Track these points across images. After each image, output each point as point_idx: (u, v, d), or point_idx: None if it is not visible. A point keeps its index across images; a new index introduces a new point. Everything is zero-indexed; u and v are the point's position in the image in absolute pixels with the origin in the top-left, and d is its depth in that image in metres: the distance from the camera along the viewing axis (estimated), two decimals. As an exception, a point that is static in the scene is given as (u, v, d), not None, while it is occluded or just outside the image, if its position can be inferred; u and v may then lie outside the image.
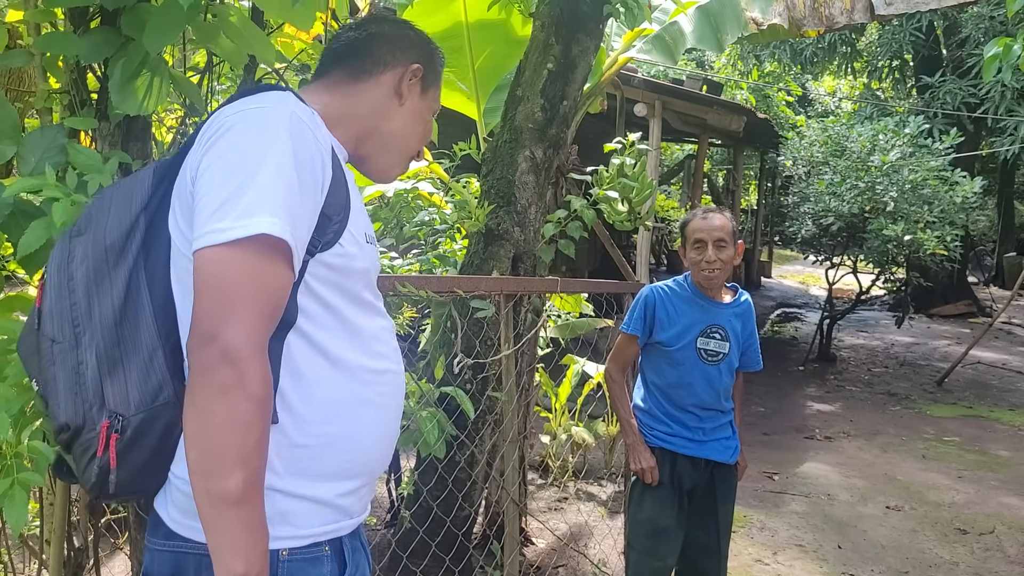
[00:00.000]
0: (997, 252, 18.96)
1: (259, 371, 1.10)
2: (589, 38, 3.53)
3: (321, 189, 1.22)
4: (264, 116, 1.20)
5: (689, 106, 8.05)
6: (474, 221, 3.49)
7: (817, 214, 9.21)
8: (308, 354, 1.24)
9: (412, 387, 3.08)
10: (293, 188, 1.15)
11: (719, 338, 2.98)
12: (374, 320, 1.35)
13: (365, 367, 1.31)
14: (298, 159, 1.17)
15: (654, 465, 2.95)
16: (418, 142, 1.51)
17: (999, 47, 4.65)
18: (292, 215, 1.14)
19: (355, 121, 1.42)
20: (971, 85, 11.85)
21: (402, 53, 1.47)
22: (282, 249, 1.13)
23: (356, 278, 1.30)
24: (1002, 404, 8.52)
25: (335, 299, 1.27)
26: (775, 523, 4.91)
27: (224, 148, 1.17)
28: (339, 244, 1.26)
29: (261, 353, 1.12)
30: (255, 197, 1.12)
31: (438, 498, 3.21)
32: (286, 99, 1.25)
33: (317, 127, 1.26)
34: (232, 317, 1.10)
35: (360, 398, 1.30)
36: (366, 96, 1.43)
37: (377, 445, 1.35)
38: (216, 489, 1.08)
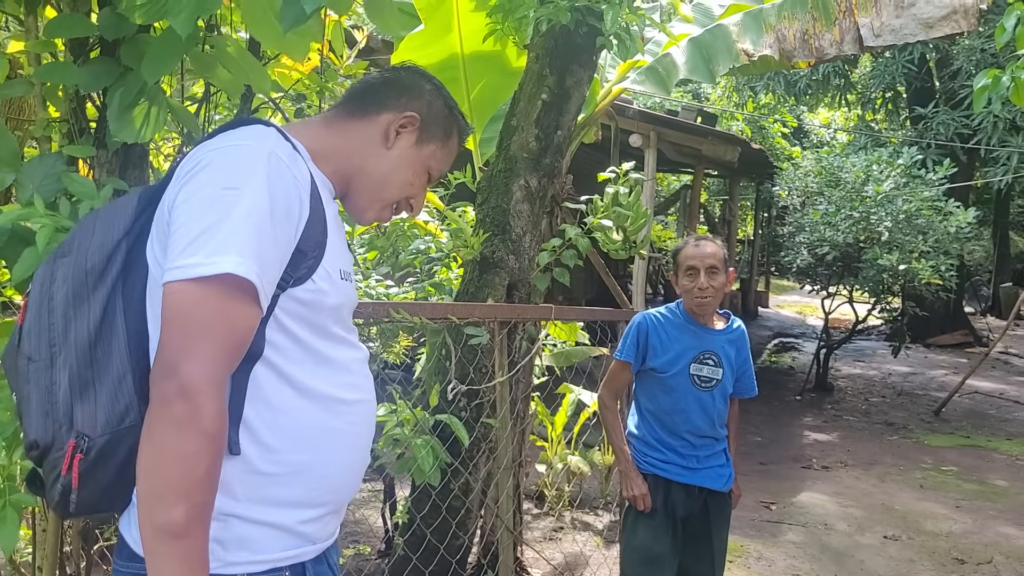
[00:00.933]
0: (993, 282, 19.03)
1: (214, 407, 1.12)
2: (583, 69, 3.59)
3: (296, 227, 1.24)
4: (242, 154, 1.22)
5: (684, 136, 8.13)
6: (469, 249, 3.51)
7: (812, 243, 9.26)
8: (276, 385, 1.26)
9: (407, 415, 3.09)
10: (265, 227, 1.17)
11: (712, 364, 2.99)
12: (345, 352, 1.37)
13: (334, 397, 1.32)
14: (273, 198, 1.19)
15: (646, 492, 2.95)
16: (398, 191, 1.48)
17: (988, 79, 4.71)
18: (261, 255, 1.16)
19: (341, 157, 1.42)
20: (964, 116, 11.97)
21: (405, 100, 1.46)
22: (248, 289, 1.15)
23: (326, 314, 1.31)
24: (1000, 433, 8.50)
25: (304, 333, 1.29)
26: (772, 553, 4.88)
27: (201, 183, 1.19)
28: (311, 280, 1.27)
29: (219, 389, 1.14)
30: (226, 235, 1.14)
31: (432, 526, 3.21)
32: (266, 136, 1.27)
33: (296, 164, 1.27)
34: (193, 352, 1.12)
35: (328, 427, 1.31)
36: (356, 133, 1.44)
37: (344, 473, 1.36)
38: (159, 520, 1.10)
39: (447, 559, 3.15)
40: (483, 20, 3.69)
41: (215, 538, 1.20)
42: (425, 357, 3.84)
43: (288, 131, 1.38)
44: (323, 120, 1.47)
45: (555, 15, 3.29)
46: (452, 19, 4.01)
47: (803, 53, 4.01)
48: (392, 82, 1.49)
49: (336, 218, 1.39)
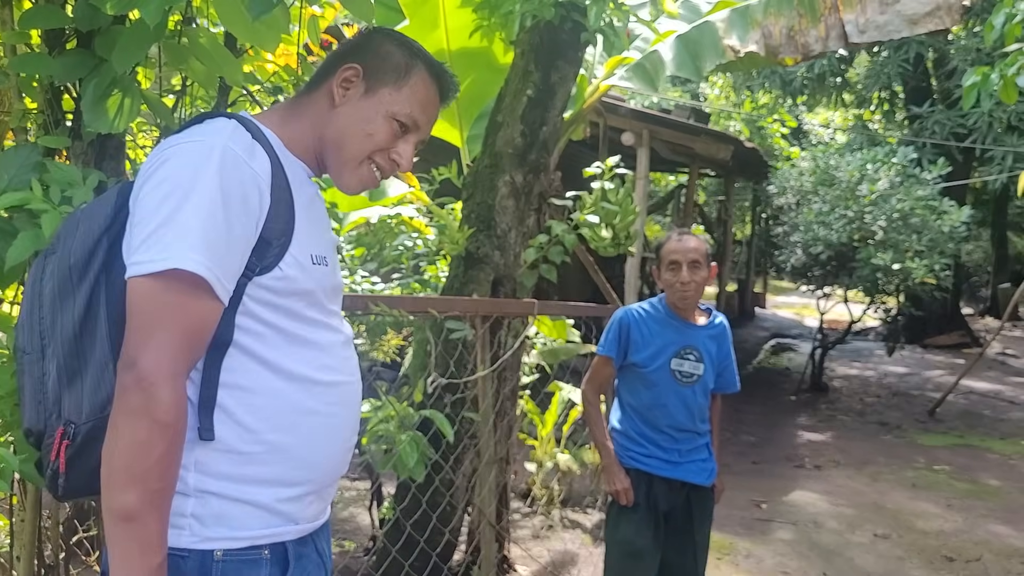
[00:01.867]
0: (992, 283, 19.03)
1: (168, 397, 1.16)
2: (568, 65, 3.60)
3: (256, 218, 1.27)
4: (196, 150, 1.25)
5: (676, 135, 8.13)
6: (454, 245, 3.52)
7: (807, 243, 9.26)
8: (250, 367, 1.29)
9: (392, 411, 3.10)
10: (216, 222, 1.20)
11: (693, 359, 3.00)
12: (322, 334, 1.39)
13: (310, 378, 1.35)
14: (226, 193, 1.22)
15: (628, 487, 2.95)
16: (359, 145, 1.42)
17: (978, 76, 4.72)
18: (213, 249, 1.19)
19: (305, 135, 1.43)
20: (959, 116, 11.97)
21: (347, 59, 1.44)
22: (200, 283, 1.19)
23: (296, 298, 1.33)
24: (994, 433, 8.50)
25: (275, 317, 1.31)
26: (761, 551, 4.88)
27: (157, 181, 1.23)
28: (279, 268, 1.30)
29: (175, 379, 1.18)
30: (178, 231, 1.18)
31: (416, 521, 3.21)
32: (223, 131, 1.29)
33: (254, 156, 1.29)
34: (148, 344, 1.17)
35: (305, 407, 1.34)
36: (310, 108, 1.44)
37: (323, 453, 1.38)
38: (113, 504, 1.16)
39: (430, 554, 3.15)
40: (469, 16, 3.71)
41: (193, 514, 1.25)
42: (412, 353, 3.85)
43: (260, 119, 1.40)
44: (287, 104, 1.49)
45: (539, 10, 3.30)
46: (438, 15, 4.02)
47: (789, 49, 4.02)
48: (340, 48, 1.49)
49: (312, 202, 1.41)
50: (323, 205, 1.51)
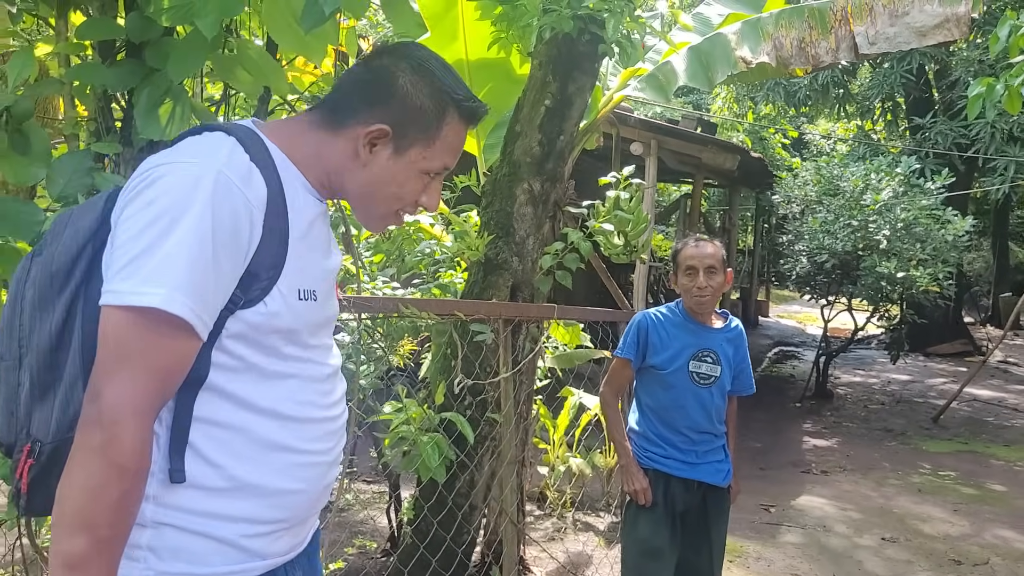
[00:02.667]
0: (993, 292, 19.11)
1: (130, 438, 1.09)
2: (585, 76, 3.68)
3: (246, 251, 1.19)
4: (188, 174, 1.15)
5: (684, 145, 8.23)
6: (474, 251, 3.60)
7: (811, 251, 9.35)
8: (219, 403, 1.22)
9: (414, 412, 3.17)
10: (204, 256, 1.12)
11: (711, 362, 3.07)
12: (302, 369, 1.31)
13: (285, 415, 1.27)
14: (216, 225, 1.13)
15: (647, 486, 3.02)
16: (388, 204, 1.37)
17: (983, 87, 4.81)
18: (197, 286, 1.12)
19: (319, 170, 1.34)
20: (962, 126, 12.08)
21: (376, 108, 1.31)
22: (180, 324, 1.11)
23: (276, 336, 1.25)
24: (998, 440, 8.56)
25: (250, 353, 1.24)
26: (771, 553, 4.95)
27: (144, 202, 1.14)
28: (263, 303, 1.22)
29: (141, 419, 1.10)
30: (159, 264, 1.10)
31: (437, 522, 3.28)
32: (219, 151, 1.20)
33: (251, 183, 1.20)
34: (116, 378, 1.09)
35: (277, 444, 1.27)
36: (329, 148, 1.33)
37: (294, 490, 1.30)
38: (59, 548, 1.08)
39: (451, 555, 3.22)
40: (488, 28, 3.79)
41: (149, 546, 1.18)
42: (431, 356, 3.92)
43: (268, 132, 1.30)
44: (303, 124, 1.36)
45: (558, 23, 3.38)
46: (458, 27, 4.11)
47: (800, 60, 4.11)
48: (363, 85, 1.34)
49: (312, 227, 1.32)
50: (326, 227, 1.40)
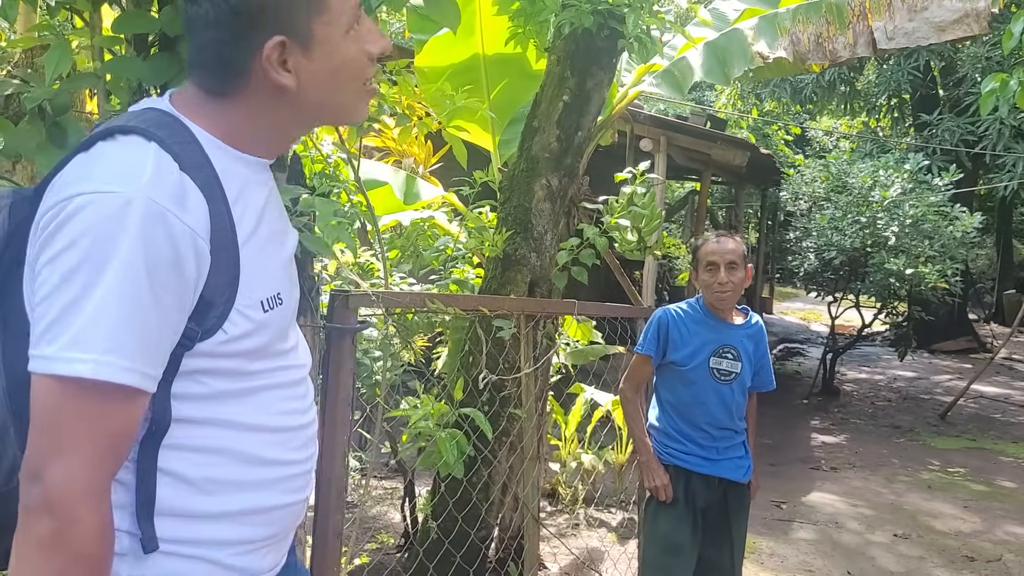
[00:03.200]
0: (996, 289, 19.11)
1: (90, 522, 0.95)
2: (603, 71, 3.67)
3: (194, 284, 1.03)
4: (109, 206, 0.96)
5: (693, 141, 8.22)
6: (492, 247, 3.60)
7: (819, 248, 9.34)
8: (193, 431, 1.09)
9: (432, 409, 3.17)
10: (143, 305, 0.96)
11: (731, 358, 3.07)
12: (275, 378, 1.19)
13: (264, 427, 1.16)
14: (150, 262, 0.97)
15: (667, 482, 3.02)
16: (351, 85, 1.17)
17: (996, 82, 4.80)
18: (138, 339, 0.96)
19: (247, 127, 1.14)
20: (969, 123, 12.07)
21: (248, 36, 1.09)
22: (120, 388, 0.96)
23: (242, 358, 1.12)
24: (1006, 437, 8.56)
25: (216, 382, 1.11)
26: (784, 550, 4.95)
27: (60, 245, 0.96)
28: (222, 331, 1.07)
29: (96, 497, 0.96)
30: (88, 322, 0.93)
31: (455, 519, 3.28)
32: (142, 168, 1.00)
33: (186, 202, 1.01)
34: (58, 458, 0.94)
35: (262, 459, 1.16)
36: (242, 102, 1.13)
37: (283, 503, 1.21)
38: None
39: (475, 547, 3.22)
40: (505, 23, 3.79)
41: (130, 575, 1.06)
42: (448, 353, 3.92)
43: (182, 111, 1.11)
44: (200, 95, 1.13)
45: (578, 18, 3.38)
46: (475, 22, 4.10)
47: (817, 56, 4.11)
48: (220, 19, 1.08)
49: (264, 212, 1.17)
50: (277, 201, 1.26)
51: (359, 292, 2.18)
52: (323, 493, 2.09)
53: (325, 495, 2.08)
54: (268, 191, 1.21)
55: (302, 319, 2.05)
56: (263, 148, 1.18)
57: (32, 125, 1.67)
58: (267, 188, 1.21)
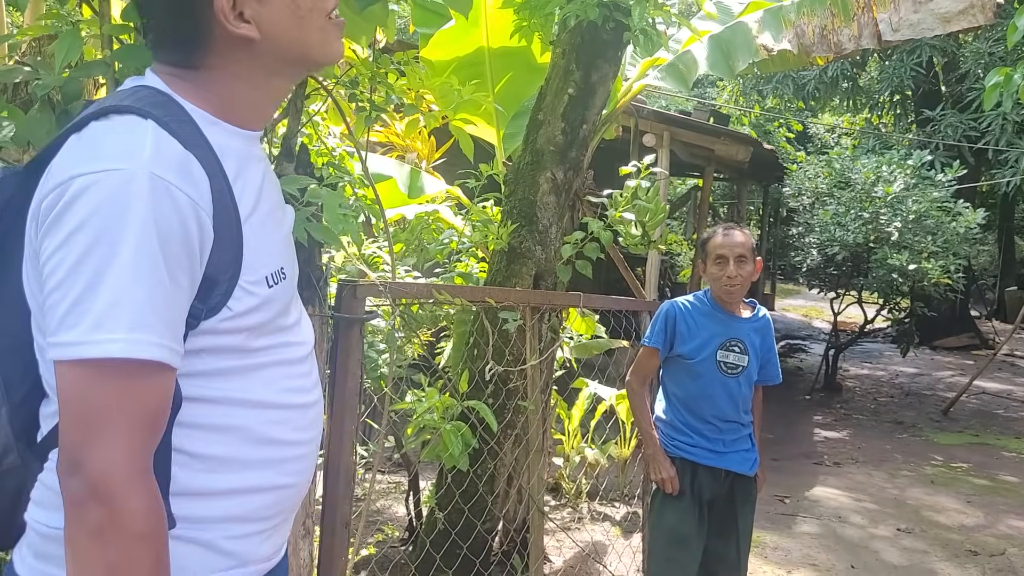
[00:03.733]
0: (998, 286, 19.10)
1: (139, 503, 0.94)
2: (608, 64, 3.67)
3: (201, 259, 1.01)
4: (116, 184, 0.94)
5: (696, 136, 8.21)
6: (497, 240, 3.60)
7: (822, 244, 9.34)
8: (198, 408, 1.08)
9: (437, 401, 3.17)
10: (161, 280, 0.95)
11: (738, 351, 3.07)
12: (281, 354, 1.17)
13: (268, 404, 1.15)
14: (163, 237, 0.95)
15: (674, 475, 3.02)
16: (314, 23, 1.14)
17: (1000, 76, 4.79)
18: (161, 315, 0.96)
19: (237, 93, 1.13)
20: (971, 118, 12.06)
21: None
22: (152, 365, 0.95)
23: (246, 335, 1.10)
24: (1008, 432, 8.57)
25: (221, 359, 1.09)
26: (788, 543, 4.95)
27: (68, 229, 0.94)
28: (227, 308, 1.06)
29: (141, 478, 0.96)
30: (108, 302, 0.92)
31: (461, 511, 3.28)
32: (142, 145, 0.98)
33: (189, 172, 1.00)
34: (98, 443, 0.93)
35: (264, 438, 1.14)
36: (217, 68, 1.11)
37: (285, 484, 1.19)
38: None
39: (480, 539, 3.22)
40: (509, 16, 3.79)
41: None
42: (452, 346, 3.92)
43: (176, 90, 1.09)
44: (177, 71, 1.11)
45: (583, 11, 3.37)
46: (479, 15, 4.10)
47: (821, 48, 4.10)
48: None
49: (263, 187, 1.16)
50: (272, 176, 1.24)
51: (367, 282, 2.18)
52: (331, 482, 2.09)
53: (333, 484, 2.08)
54: (264, 165, 1.20)
55: (311, 308, 2.05)
56: (253, 116, 1.17)
57: (42, 113, 1.67)
58: (263, 163, 1.20)
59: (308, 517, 2.06)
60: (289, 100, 2.24)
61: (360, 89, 2.20)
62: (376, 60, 2.16)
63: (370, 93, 2.24)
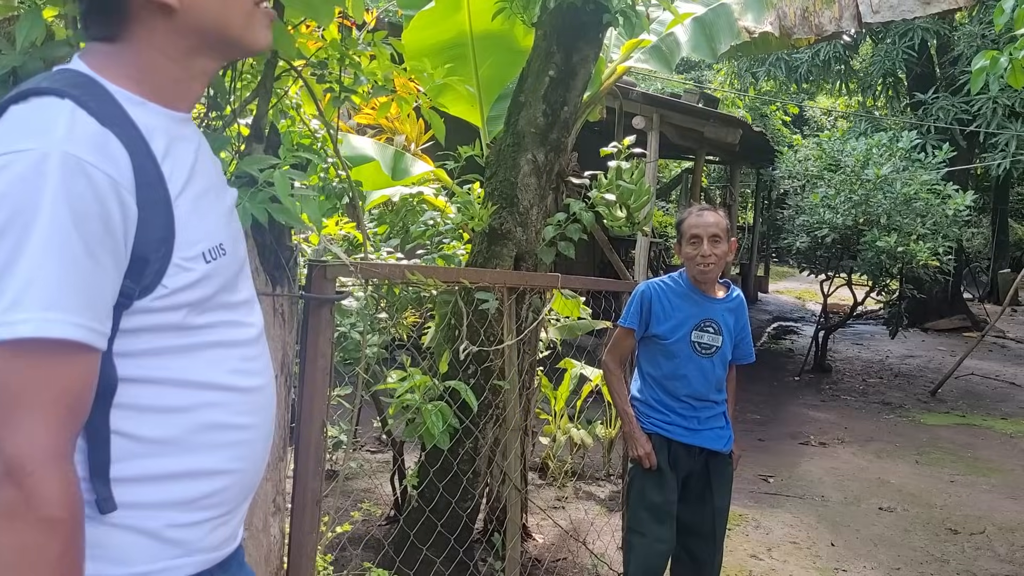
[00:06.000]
0: (991, 268, 19.15)
1: (55, 486, 0.92)
2: (589, 46, 3.68)
3: (125, 237, 1.00)
4: (26, 164, 0.93)
5: (686, 119, 8.22)
6: (478, 221, 3.62)
7: (812, 226, 9.36)
8: (138, 390, 1.06)
9: (418, 381, 3.20)
10: (75, 254, 0.94)
11: (712, 332, 3.10)
12: (226, 334, 1.16)
13: (210, 386, 1.12)
14: (76, 216, 0.94)
15: (651, 450, 3.06)
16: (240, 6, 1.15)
17: (986, 60, 4.80)
18: (79, 293, 0.94)
19: (169, 74, 1.12)
20: (964, 102, 12.05)
21: None
22: (70, 344, 0.94)
23: (187, 311, 1.08)
24: (995, 413, 8.63)
25: (161, 338, 1.07)
26: (770, 522, 5.01)
27: None
28: (161, 286, 1.04)
29: (59, 460, 0.94)
30: (24, 282, 0.91)
31: (443, 487, 3.32)
32: (55, 127, 0.97)
33: (107, 151, 0.99)
34: (13, 424, 0.91)
35: (205, 422, 1.12)
36: (140, 41, 1.10)
37: (229, 470, 1.16)
38: None
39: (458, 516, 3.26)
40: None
41: None
42: (434, 327, 3.95)
43: (98, 71, 1.07)
44: (102, 48, 1.11)
45: (563, -8, 3.38)
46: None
47: (803, 30, 4.11)
48: None
49: (196, 167, 1.14)
50: (210, 156, 1.23)
51: (337, 262, 2.20)
52: (301, 460, 2.12)
53: (303, 461, 2.12)
54: (196, 146, 1.17)
55: (280, 288, 2.08)
56: (178, 95, 1.14)
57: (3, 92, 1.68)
58: (195, 143, 1.17)
59: (279, 494, 2.09)
60: (259, 81, 2.26)
61: (329, 70, 2.21)
62: (344, 41, 2.17)
63: (339, 74, 2.26)
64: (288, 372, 2.17)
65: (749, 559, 4.40)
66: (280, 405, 2.10)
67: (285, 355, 2.10)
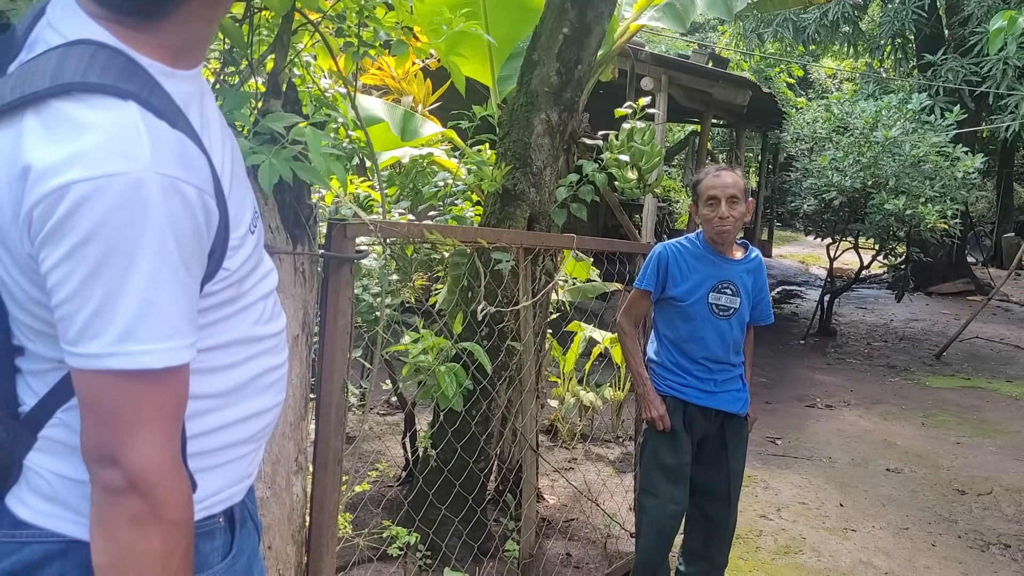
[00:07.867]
0: (996, 233, 19.08)
1: (175, 492, 0.98)
2: (603, 3, 3.61)
3: (210, 243, 1.02)
4: (122, 194, 0.89)
5: (695, 80, 8.11)
6: (491, 182, 3.58)
7: (819, 189, 9.31)
8: (203, 358, 1.07)
9: (431, 343, 3.19)
10: (179, 277, 0.95)
11: (730, 293, 3.08)
12: (259, 289, 1.19)
13: (253, 337, 1.17)
14: (179, 238, 0.94)
15: (664, 413, 3.05)
16: None
17: (1004, 20, 4.72)
18: (184, 313, 0.97)
19: (192, 40, 1.06)
20: (973, 63, 11.92)
21: None
22: (180, 366, 0.98)
23: (238, 283, 1.12)
24: (1000, 376, 8.65)
25: (216, 312, 1.10)
26: (778, 483, 5.03)
27: (74, 238, 0.89)
28: (223, 268, 1.07)
29: (175, 465, 0.99)
30: (135, 312, 0.91)
31: (455, 450, 3.33)
32: (137, 139, 0.92)
33: (186, 155, 0.96)
34: (131, 439, 0.94)
35: (261, 367, 1.19)
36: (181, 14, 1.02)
37: (276, 404, 1.25)
38: None
39: (474, 477, 3.27)
40: (504, -46, 3.72)
41: None
42: (447, 288, 3.94)
43: (129, 42, 0.99)
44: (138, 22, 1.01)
45: (578, -53, 3.31)
46: (473, -47, 4.02)
47: (821, -12, 4.03)
48: None
49: (224, 141, 1.12)
50: (212, 102, 1.14)
51: (357, 221, 2.17)
52: (323, 419, 2.12)
53: (325, 420, 2.11)
54: (211, 96, 1.14)
55: (299, 247, 2.06)
56: (200, 53, 1.09)
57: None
58: (209, 94, 1.13)
59: (300, 453, 2.08)
60: (276, 36, 2.21)
61: (347, 24, 2.17)
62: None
63: (357, 28, 2.21)
64: (308, 331, 2.15)
65: (759, 519, 4.43)
66: (302, 364, 2.09)
67: (306, 314, 2.08)
